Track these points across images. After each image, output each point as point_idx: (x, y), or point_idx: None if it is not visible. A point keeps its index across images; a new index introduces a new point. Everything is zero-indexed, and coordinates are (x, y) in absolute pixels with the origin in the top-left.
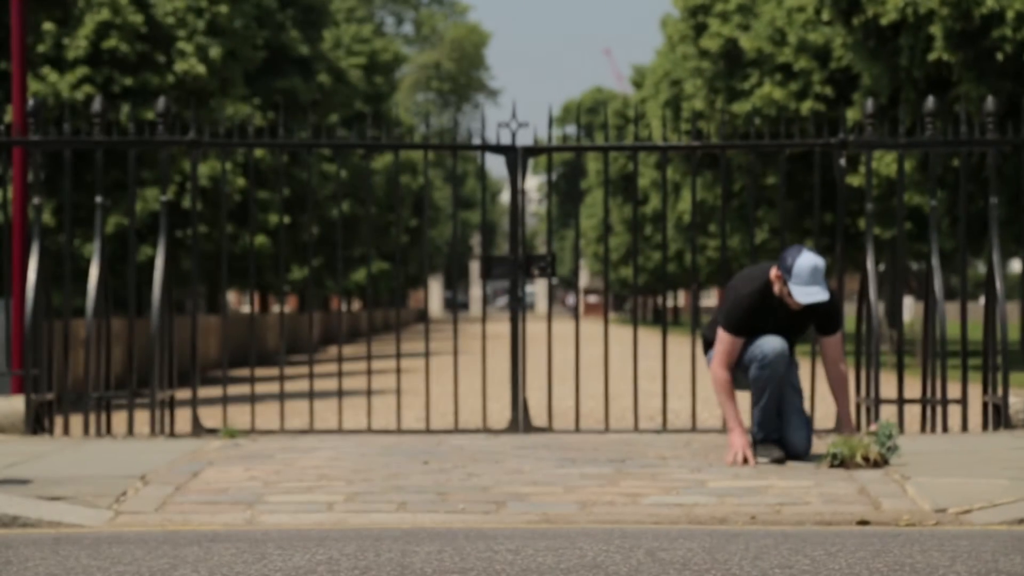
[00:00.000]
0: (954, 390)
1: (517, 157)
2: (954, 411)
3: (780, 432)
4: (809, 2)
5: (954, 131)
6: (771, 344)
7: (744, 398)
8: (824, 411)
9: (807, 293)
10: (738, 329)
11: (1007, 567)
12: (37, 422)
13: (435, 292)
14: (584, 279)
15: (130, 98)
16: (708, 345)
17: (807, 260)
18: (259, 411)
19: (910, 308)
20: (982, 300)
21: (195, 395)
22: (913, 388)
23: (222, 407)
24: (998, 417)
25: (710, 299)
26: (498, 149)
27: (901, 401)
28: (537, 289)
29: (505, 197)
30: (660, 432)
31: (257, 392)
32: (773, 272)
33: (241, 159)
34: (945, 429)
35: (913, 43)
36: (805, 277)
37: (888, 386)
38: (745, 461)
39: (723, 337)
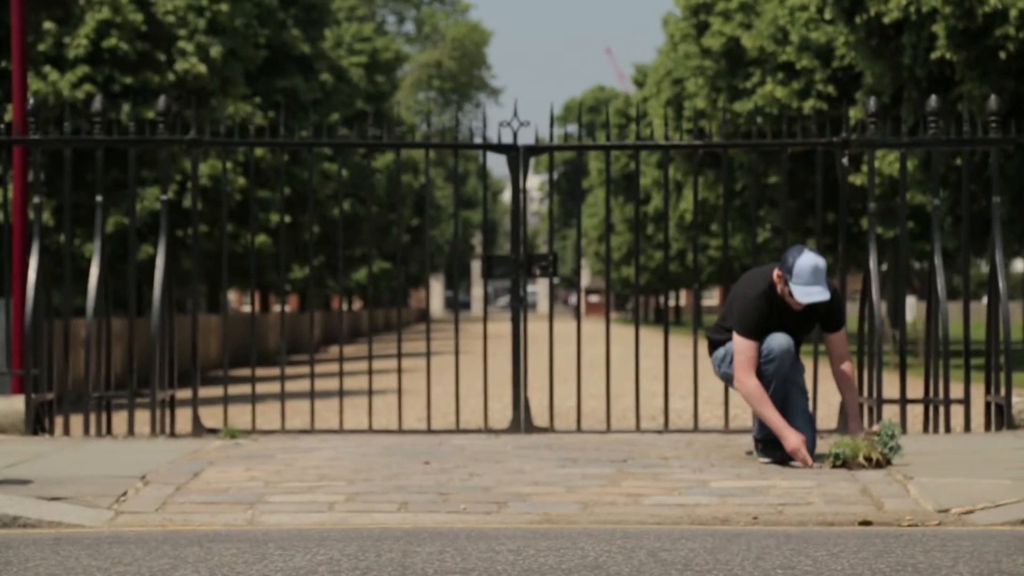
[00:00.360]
0: (957, 390)
1: (519, 156)
2: (957, 411)
3: None
4: (811, 1)
5: (957, 130)
6: (777, 340)
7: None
8: (826, 411)
9: (808, 293)
10: (755, 332)
11: (1010, 567)
12: (37, 422)
13: (436, 291)
14: (586, 278)
15: (130, 97)
16: (713, 347)
17: (808, 260)
18: (260, 411)
19: (912, 308)
20: (985, 300)
21: (196, 395)
22: (916, 388)
23: (223, 407)
24: (1001, 417)
25: (712, 299)
26: (500, 148)
27: (904, 401)
28: (539, 289)
29: (507, 196)
30: (662, 432)
31: (258, 392)
32: (775, 273)
33: (242, 158)
34: (948, 429)
35: (916, 42)
36: (806, 277)
37: (890, 386)
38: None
39: (742, 345)
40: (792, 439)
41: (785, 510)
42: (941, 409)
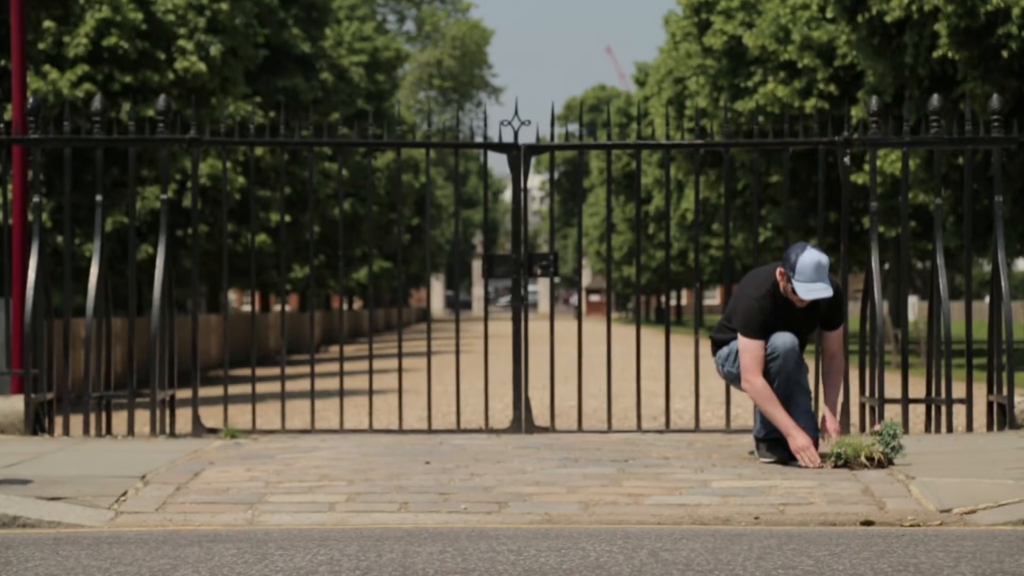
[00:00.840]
0: (959, 390)
1: (519, 155)
2: (959, 411)
3: None
4: None
5: (959, 129)
6: (781, 339)
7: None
8: None
9: (811, 289)
10: (759, 332)
11: (1012, 568)
12: (37, 422)
13: (437, 291)
14: (586, 278)
15: (130, 96)
16: (717, 346)
17: (810, 257)
18: (260, 411)
19: (914, 307)
20: (987, 299)
21: (196, 395)
22: (917, 388)
23: (223, 407)
24: (1003, 417)
25: (713, 299)
26: (500, 147)
27: (906, 401)
28: (539, 288)
29: (507, 196)
30: (663, 432)
31: (258, 392)
32: (778, 270)
33: (242, 157)
34: (950, 429)
35: (918, 40)
36: (809, 273)
37: (892, 386)
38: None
39: (748, 346)
40: (800, 439)
41: (787, 510)
42: (943, 409)
